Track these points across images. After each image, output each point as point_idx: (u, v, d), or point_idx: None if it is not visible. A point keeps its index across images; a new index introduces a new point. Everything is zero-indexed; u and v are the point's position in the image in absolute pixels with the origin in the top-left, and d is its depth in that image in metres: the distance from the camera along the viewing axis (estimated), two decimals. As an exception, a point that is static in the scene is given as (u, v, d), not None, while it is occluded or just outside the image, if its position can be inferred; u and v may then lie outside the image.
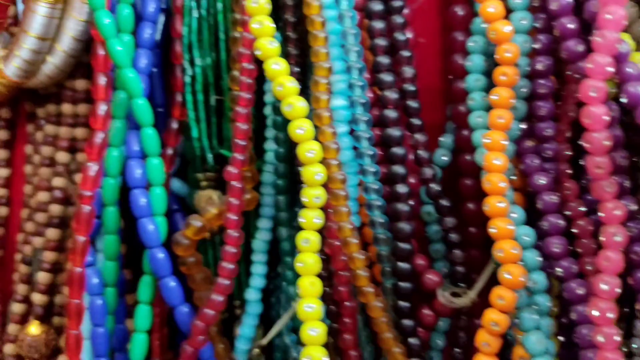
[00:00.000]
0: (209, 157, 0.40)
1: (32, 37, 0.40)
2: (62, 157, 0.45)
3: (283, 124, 0.38)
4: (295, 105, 0.33)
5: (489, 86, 0.36)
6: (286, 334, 0.40)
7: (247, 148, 0.36)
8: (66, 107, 0.44)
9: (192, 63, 0.41)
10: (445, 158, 0.38)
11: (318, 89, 0.34)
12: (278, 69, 0.33)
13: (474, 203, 0.37)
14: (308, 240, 0.33)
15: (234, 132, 0.36)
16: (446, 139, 0.39)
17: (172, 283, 0.36)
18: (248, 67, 0.36)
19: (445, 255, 0.37)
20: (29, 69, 0.41)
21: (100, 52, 0.36)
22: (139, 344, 0.37)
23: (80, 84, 0.44)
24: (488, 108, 0.36)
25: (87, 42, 0.41)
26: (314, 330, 0.31)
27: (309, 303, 0.32)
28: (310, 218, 0.33)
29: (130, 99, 0.37)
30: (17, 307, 0.48)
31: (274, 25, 0.34)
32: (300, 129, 0.32)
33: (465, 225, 0.37)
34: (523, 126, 0.36)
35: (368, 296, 0.33)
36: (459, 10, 0.37)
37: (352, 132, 0.36)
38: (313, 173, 0.32)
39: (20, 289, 0.47)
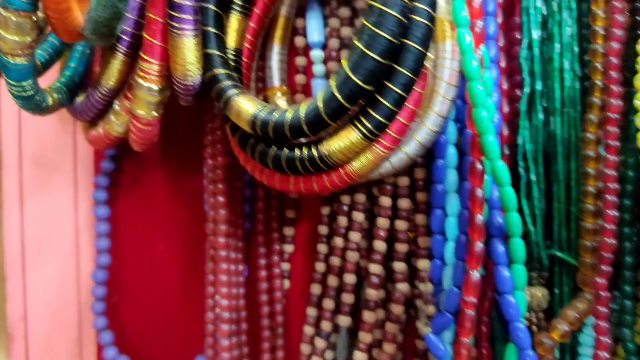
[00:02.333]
0: (544, 258, 0.44)
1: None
2: (379, 245, 0.48)
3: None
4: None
5: None
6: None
7: (611, 261, 0.40)
8: (384, 200, 0.48)
9: (526, 170, 0.45)
10: None
11: None
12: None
13: None
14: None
15: (600, 249, 0.40)
16: None
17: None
18: (612, 199, 0.40)
19: None
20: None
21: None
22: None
23: (402, 180, 0.48)
24: None
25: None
26: None
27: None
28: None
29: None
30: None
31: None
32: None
33: None
34: None
35: None
36: None
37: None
38: None
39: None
